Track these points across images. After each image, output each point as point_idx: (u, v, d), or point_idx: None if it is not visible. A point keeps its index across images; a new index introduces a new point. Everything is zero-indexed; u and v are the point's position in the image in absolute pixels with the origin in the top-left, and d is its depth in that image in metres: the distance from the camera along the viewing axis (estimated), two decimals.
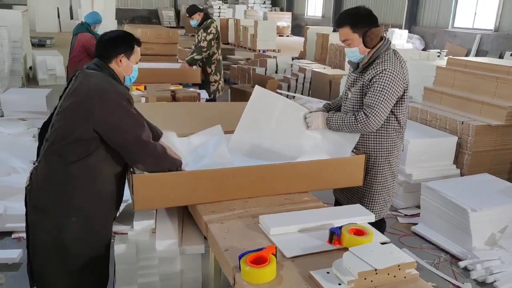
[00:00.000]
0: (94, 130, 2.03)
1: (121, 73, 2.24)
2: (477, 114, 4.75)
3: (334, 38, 10.11)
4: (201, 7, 6.17)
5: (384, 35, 2.56)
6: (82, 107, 2.04)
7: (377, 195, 2.66)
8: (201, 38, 5.74)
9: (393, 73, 2.41)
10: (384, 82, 2.41)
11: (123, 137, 2.06)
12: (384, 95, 2.40)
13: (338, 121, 2.52)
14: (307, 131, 2.62)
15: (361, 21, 2.47)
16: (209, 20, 5.80)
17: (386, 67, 2.42)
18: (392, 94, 2.42)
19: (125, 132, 2.06)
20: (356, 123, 2.45)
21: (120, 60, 2.21)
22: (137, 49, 2.28)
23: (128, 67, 2.25)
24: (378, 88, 2.41)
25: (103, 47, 2.22)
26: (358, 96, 2.56)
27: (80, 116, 2.03)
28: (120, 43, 2.23)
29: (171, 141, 2.41)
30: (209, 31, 5.70)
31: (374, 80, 2.43)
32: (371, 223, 2.02)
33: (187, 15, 6.01)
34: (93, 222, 2.12)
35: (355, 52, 2.51)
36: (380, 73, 2.42)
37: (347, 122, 2.49)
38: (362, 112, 2.44)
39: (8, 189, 3.64)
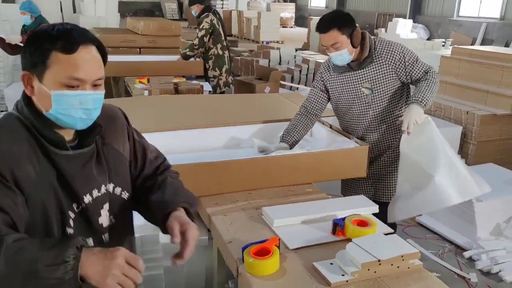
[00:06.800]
0: None
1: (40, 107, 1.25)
2: (482, 104, 4.72)
3: None
4: None
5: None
6: None
7: (396, 173, 2.61)
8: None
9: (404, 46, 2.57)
10: (410, 52, 2.52)
11: None
12: (420, 60, 2.53)
13: (428, 92, 2.42)
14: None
15: (346, 22, 2.46)
16: (204, 14, 5.43)
17: (396, 45, 2.53)
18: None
19: None
20: (434, 78, 2.47)
21: (31, 86, 1.23)
22: (61, 58, 1.17)
23: (43, 96, 1.21)
24: (413, 58, 2.51)
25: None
26: (386, 85, 2.54)
27: None
28: (25, 54, 1.21)
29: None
30: (201, 26, 5.41)
31: (402, 57, 2.50)
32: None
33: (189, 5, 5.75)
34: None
35: (344, 54, 2.46)
36: (399, 51, 2.50)
37: (432, 84, 2.45)
38: (432, 71, 2.51)
39: None
